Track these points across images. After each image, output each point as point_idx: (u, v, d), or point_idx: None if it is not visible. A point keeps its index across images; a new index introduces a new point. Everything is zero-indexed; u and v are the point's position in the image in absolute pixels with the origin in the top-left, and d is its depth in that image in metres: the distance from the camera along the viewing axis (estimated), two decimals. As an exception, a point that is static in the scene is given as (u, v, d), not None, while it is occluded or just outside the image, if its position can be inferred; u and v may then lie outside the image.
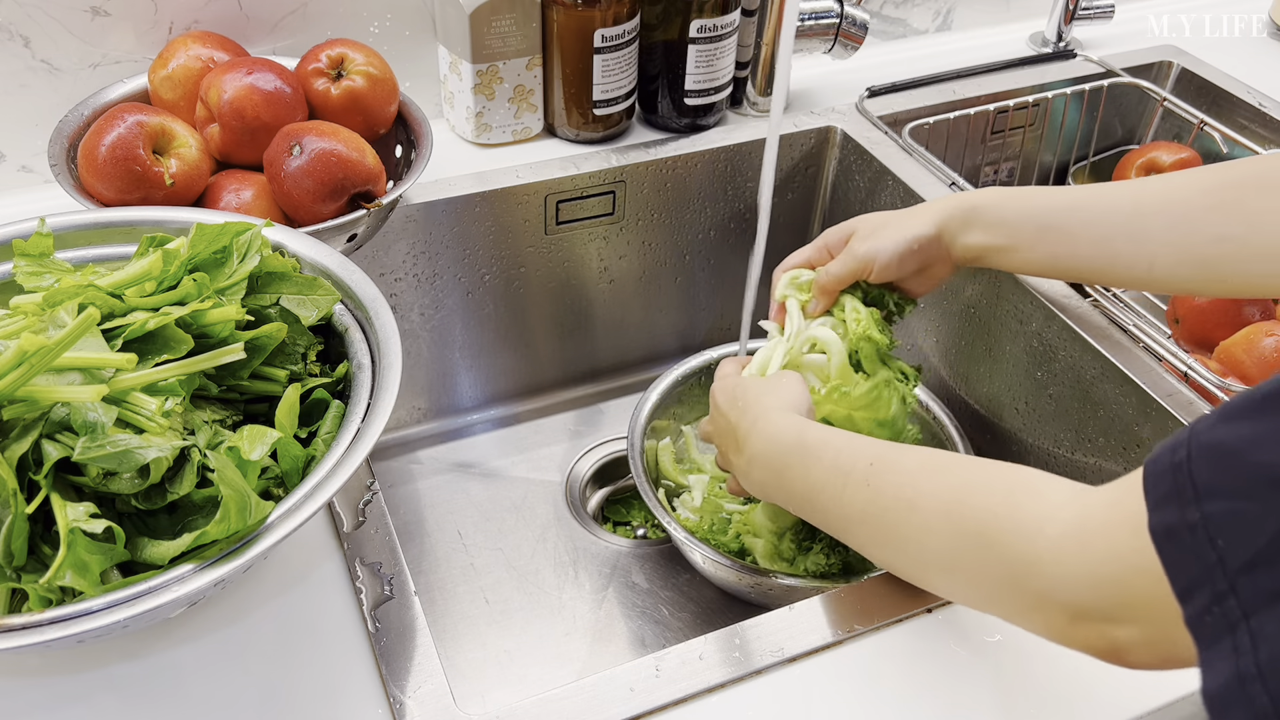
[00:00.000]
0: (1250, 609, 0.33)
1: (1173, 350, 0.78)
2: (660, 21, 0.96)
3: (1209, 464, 0.35)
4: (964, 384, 0.96)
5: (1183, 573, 0.35)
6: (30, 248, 0.62)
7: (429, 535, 0.95)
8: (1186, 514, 0.35)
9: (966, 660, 0.61)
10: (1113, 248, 0.68)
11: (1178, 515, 0.35)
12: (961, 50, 1.19)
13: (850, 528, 0.58)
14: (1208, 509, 0.35)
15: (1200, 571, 0.34)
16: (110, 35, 0.88)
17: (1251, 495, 0.33)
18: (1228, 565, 0.33)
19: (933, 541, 0.52)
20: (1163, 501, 0.36)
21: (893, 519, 0.54)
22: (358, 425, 0.59)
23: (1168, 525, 0.36)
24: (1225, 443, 0.35)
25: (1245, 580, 0.33)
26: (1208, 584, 0.34)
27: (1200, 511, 0.35)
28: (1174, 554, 0.36)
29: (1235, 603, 0.33)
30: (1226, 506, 0.34)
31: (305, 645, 0.61)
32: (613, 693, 0.58)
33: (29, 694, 0.58)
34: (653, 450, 0.92)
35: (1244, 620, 0.33)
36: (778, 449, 0.63)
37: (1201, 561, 0.34)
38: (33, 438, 0.52)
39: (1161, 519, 0.36)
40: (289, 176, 0.78)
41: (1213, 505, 0.34)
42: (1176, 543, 0.36)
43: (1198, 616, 0.34)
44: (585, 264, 1.03)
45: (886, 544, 0.56)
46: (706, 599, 0.89)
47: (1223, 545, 0.34)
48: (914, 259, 0.74)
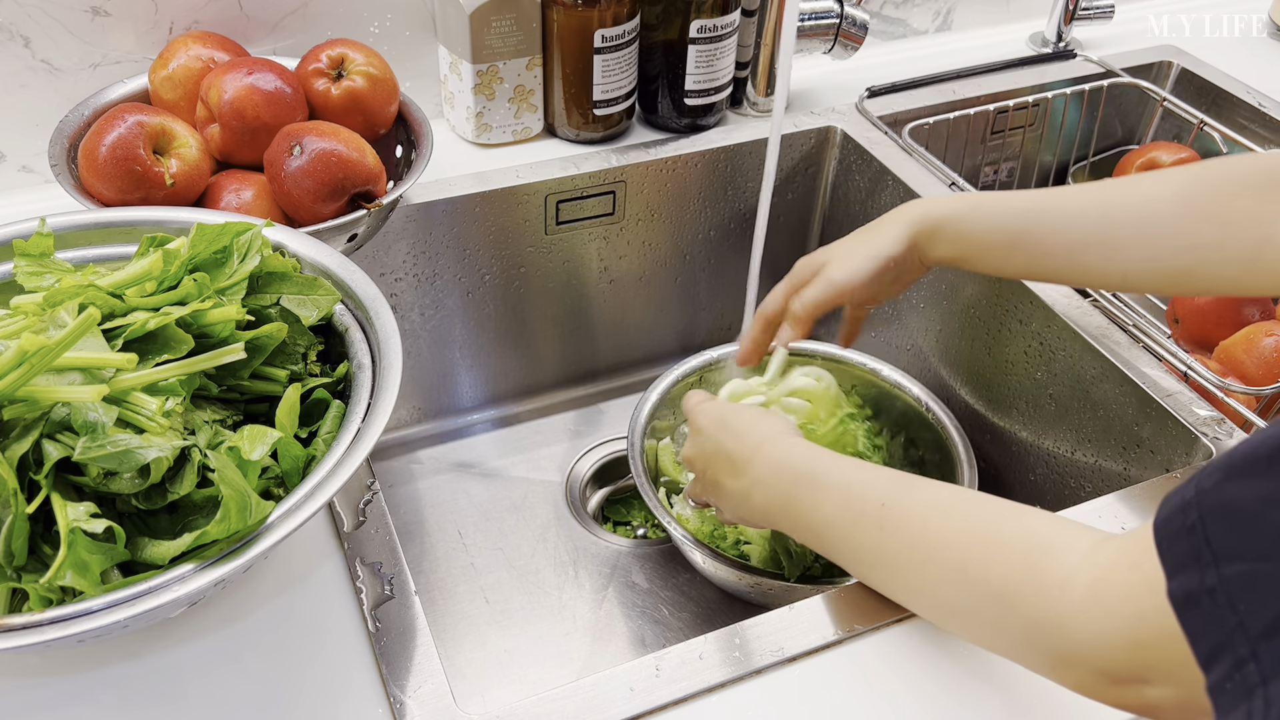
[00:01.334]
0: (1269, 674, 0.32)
1: (1173, 350, 0.78)
2: (660, 21, 0.96)
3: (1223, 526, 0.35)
4: (964, 384, 0.96)
5: (1204, 640, 0.35)
6: (31, 248, 0.62)
7: (429, 535, 0.95)
8: (1205, 579, 0.35)
9: (967, 660, 0.61)
10: (1084, 259, 0.68)
11: (1197, 581, 0.35)
12: (961, 50, 1.19)
13: (862, 570, 0.58)
14: (1225, 573, 0.34)
15: (1221, 636, 0.34)
16: (110, 35, 0.88)
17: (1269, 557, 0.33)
18: (1249, 630, 0.33)
19: (949, 594, 0.52)
20: (1180, 566, 0.36)
21: (906, 568, 0.54)
22: (358, 425, 0.59)
23: (1187, 591, 0.35)
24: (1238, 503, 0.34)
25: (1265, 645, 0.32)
26: (1229, 650, 0.34)
27: (1219, 575, 0.34)
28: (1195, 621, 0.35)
29: (1255, 668, 0.33)
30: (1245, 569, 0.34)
31: (305, 645, 0.61)
32: (613, 693, 0.58)
33: (29, 694, 0.58)
34: (653, 450, 0.92)
35: (1261, 685, 0.32)
36: (788, 474, 0.62)
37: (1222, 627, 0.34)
38: (33, 438, 0.52)
39: (1180, 585, 0.36)
40: (289, 176, 0.78)
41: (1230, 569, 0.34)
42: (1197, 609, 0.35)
43: (1219, 684, 0.34)
44: (585, 264, 1.03)
45: (900, 590, 0.56)
46: (706, 599, 0.89)
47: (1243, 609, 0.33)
48: (888, 276, 0.75)
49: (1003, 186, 1.18)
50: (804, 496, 0.60)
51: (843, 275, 0.75)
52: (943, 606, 0.53)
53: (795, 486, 0.61)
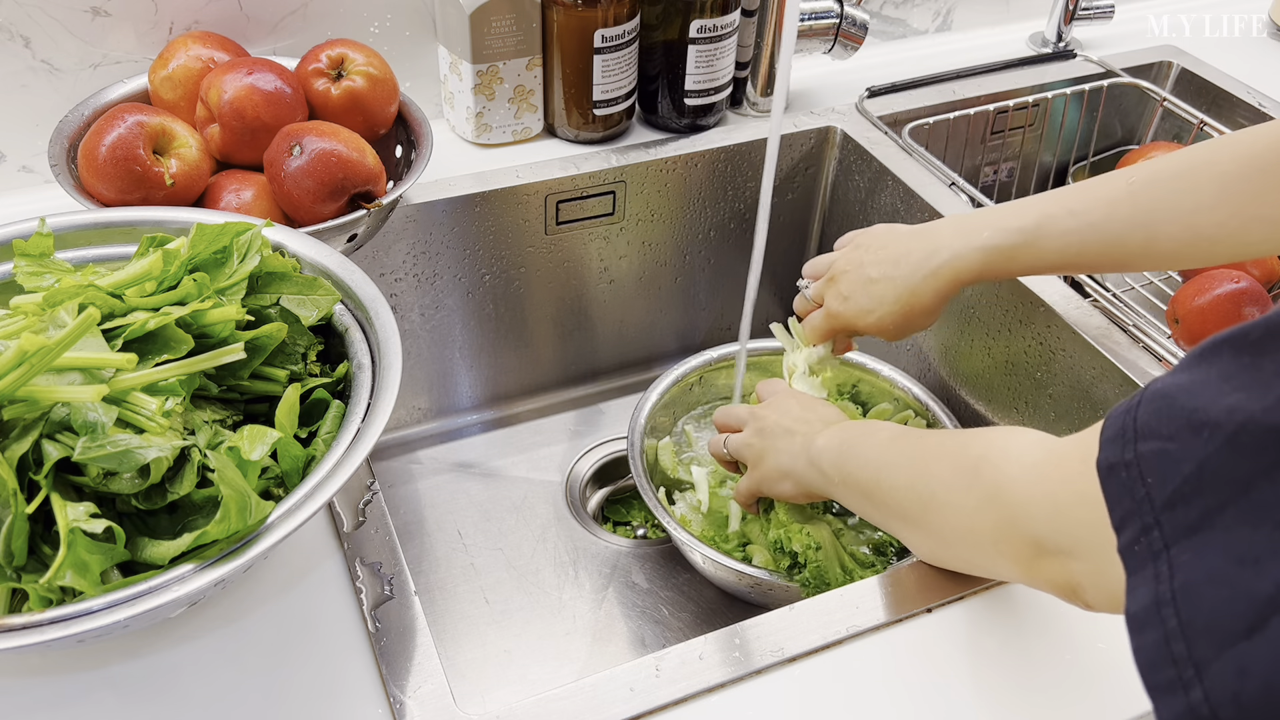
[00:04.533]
0: (1170, 540, 0.36)
1: (1173, 350, 0.78)
2: (660, 21, 0.96)
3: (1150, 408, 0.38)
4: (964, 384, 0.96)
5: (1119, 505, 0.38)
6: (30, 248, 0.62)
7: (429, 535, 0.95)
8: (1125, 452, 0.38)
9: (966, 660, 0.61)
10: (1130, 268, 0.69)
11: (1119, 453, 0.39)
12: (961, 50, 1.19)
13: (881, 476, 0.62)
14: (1141, 449, 0.38)
15: (1132, 505, 0.37)
16: (110, 35, 0.88)
17: (1174, 437, 0.36)
18: (1154, 500, 0.37)
19: (938, 473, 0.56)
20: (1110, 440, 0.40)
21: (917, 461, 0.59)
22: (358, 425, 0.59)
23: (1110, 462, 0.39)
24: (1166, 390, 0.38)
25: (1167, 515, 0.36)
26: (1137, 517, 0.37)
27: (1136, 451, 0.38)
28: (1113, 488, 0.39)
29: (1159, 534, 0.36)
30: (1156, 447, 0.37)
31: (305, 645, 0.61)
32: (613, 693, 0.58)
33: (29, 693, 0.58)
34: (653, 450, 0.92)
35: (1165, 550, 0.36)
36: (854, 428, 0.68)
37: (1133, 496, 0.37)
38: (33, 438, 0.52)
39: (1106, 456, 0.39)
40: (289, 176, 0.78)
41: (1146, 445, 0.38)
42: (1115, 478, 0.39)
43: (1128, 546, 0.37)
44: (585, 264, 1.03)
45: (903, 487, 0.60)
46: (706, 599, 0.89)
47: (1150, 482, 0.37)
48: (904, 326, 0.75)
49: (1003, 186, 1.18)
50: (860, 433, 0.66)
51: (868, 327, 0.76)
52: (928, 491, 0.57)
53: (854, 430, 0.67)
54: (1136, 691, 0.59)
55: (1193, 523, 0.35)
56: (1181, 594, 0.34)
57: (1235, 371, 0.35)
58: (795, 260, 1.14)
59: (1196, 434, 0.35)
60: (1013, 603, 0.64)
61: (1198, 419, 0.36)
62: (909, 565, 0.66)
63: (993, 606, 0.64)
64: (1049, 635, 0.62)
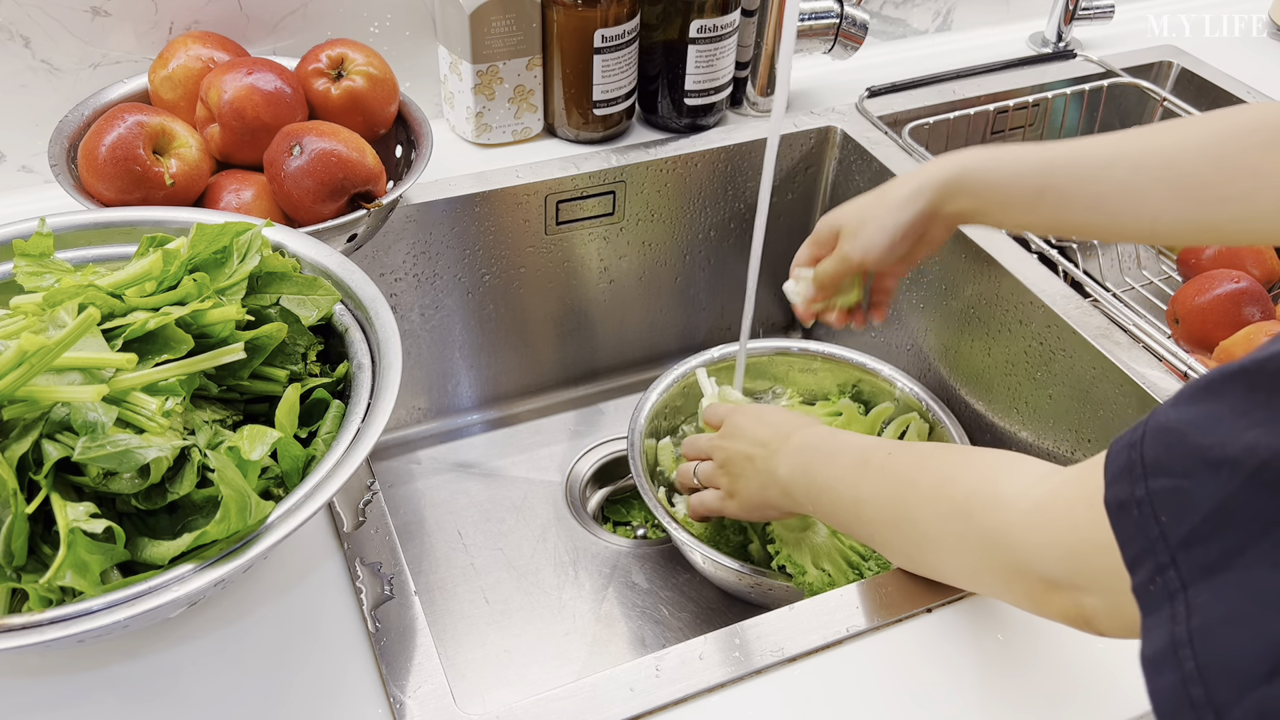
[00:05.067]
0: (1188, 580, 0.35)
1: (1173, 350, 0.78)
2: (660, 21, 0.96)
3: (1157, 443, 0.38)
4: (964, 384, 0.96)
5: (1131, 544, 0.38)
6: (30, 248, 0.62)
7: (429, 535, 0.95)
8: (1136, 489, 0.38)
9: (967, 660, 0.61)
10: (1113, 207, 0.66)
11: (1129, 490, 0.38)
12: (961, 50, 1.19)
13: (861, 511, 0.61)
14: (1153, 486, 0.37)
15: (1145, 543, 0.37)
16: (110, 35, 0.88)
17: (1189, 474, 0.36)
18: (1169, 539, 0.36)
19: (926, 514, 0.55)
20: (1117, 477, 0.39)
21: (897, 497, 0.58)
22: (358, 425, 0.59)
23: (1120, 499, 0.38)
24: (1173, 424, 0.37)
25: (1184, 554, 0.35)
26: (1151, 555, 0.36)
27: (1146, 488, 0.37)
28: (1124, 526, 0.38)
29: (1175, 574, 0.35)
30: (1169, 484, 0.36)
31: (305, 645, 0.61)
32: (613, 693, 0.58)
33: (29, 694, 0.58)
34: (652, 450, 0.92)
35: (1182, 590, 0.35)
36: (814, 446, 0.67)
37: (1146, 535, 0.37)
38: (33, 438, 0.52)
39: (1115, 494, 0.39)
40: (289, 176, 0.78)
41: (1157, 482, 0.37)
42: (1127, 516, 0.38)
43: (1143, 586, 0.37)
44: (585, 264, 1.03)
45: (888, 523, 0.59)
46: (706, 599, 0.89)
47: (1165, 520, 0.36)
48: (904, 243, 0.73)
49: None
50: (823, 458, 0.65)
51: (858, 250, 0.74)
52: (920, 529, 0.56)
53: (817, 454, 0.66)
54: (1136, 692, 0.59)
55: (1212, 563, 0.34)
56: (1199, 636, 0.34)
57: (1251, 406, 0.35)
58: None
59: (1215, 472, 0.35)
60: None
61: (1214, 456, 0.35)
62: (909, 565, 0.66)
63: (993, 607, 0.64)
64: (1049, 635, 0.62)
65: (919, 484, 0.56)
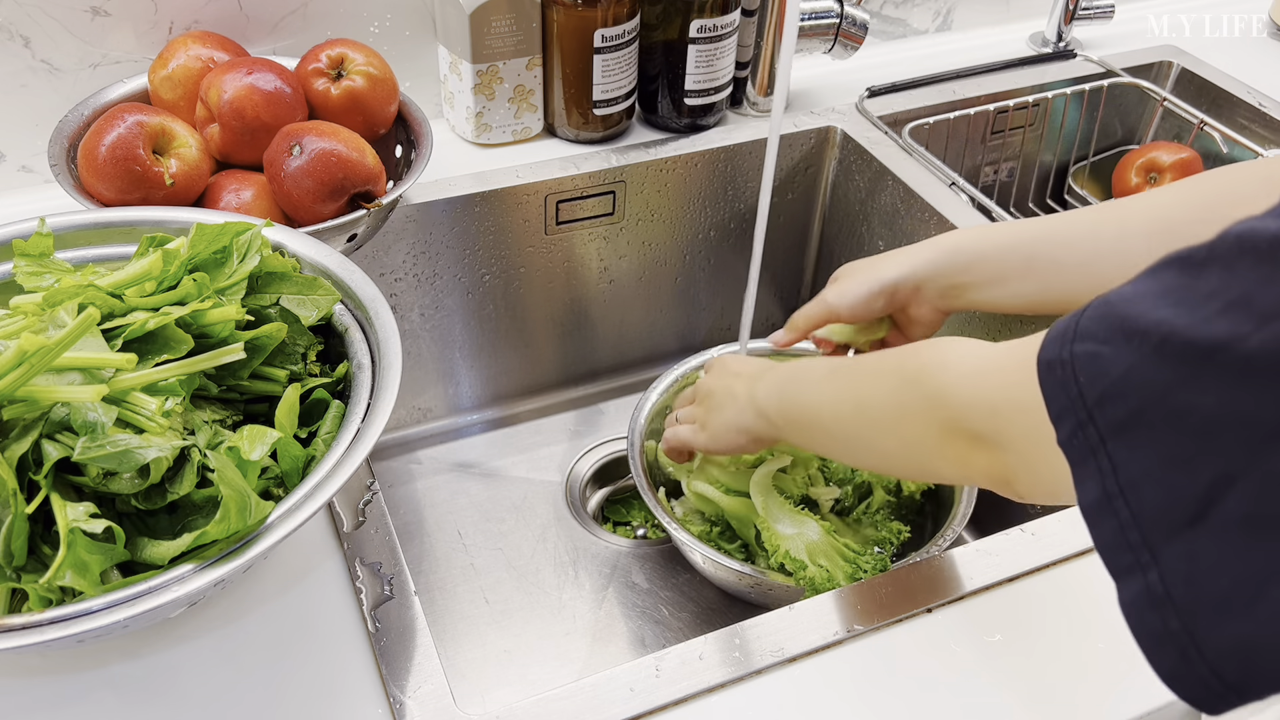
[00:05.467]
0: (1105, 436, 0.38)
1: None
2: (660, 21, 0.96)
3: (1094, 313, 0.41)
4: (964, 384, 0.96)
5: (1054, 401, 0.41)
6: (30, 248, 0.62)
7: (429, 535, 0.95)
8: (1063, 351, 0.41)
9: (966, 660, 0.61)
10: (1099, 271, 0.68)
11: (1057, 351, 0.41)
12: (961, 50, 1.19)
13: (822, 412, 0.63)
14: (1077, 349, 0.40)
15: (1066, 401, 0.40)
16: (110, 35, 0.88)
17: (1108, 341, 0.39)
18: (1086, 398, 0.39)
19: (880, 392, 0.58)
20: (1053, 340, 0.42)
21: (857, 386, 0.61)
22: (358, 425, 0.59)
23: (1048, 359, 0.41)
24: (1110, 298, 0.40)
25: (1099, 412, 0.38)
26: (1071, 413, 0.40)
27: (1072, 350, 0.40)
28: (1049, 384, 0.41)
29: (1094, 430, 0.39)
30: (1091, 348, 0.40)
31: (305, 645, 0.61)
32: (613, 693, 0.58)
33: (29, 694, 0.58)
34: (652, 450, 0.92)
35: (1101, 445, 0.38)
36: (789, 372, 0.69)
37: (1067, 393, 0.40)
38: (33, 438, 0.52)
39: (1045, 354, 0.42)
40: (289, 176, 0.78)
41: (1081, 346, 0.40)
42: (1052, 375, 0.41)
43: (1067, 440, 0.40)
44: (585, 264, 1.03)
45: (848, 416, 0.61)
46: (706, 599, 0.89)
47: (1082, 381, 0.39)
48: (879, 302, 0.76)
49: (1003, 187, 1.18)
50: (798, 379, 0.67)
51: (834, 296, 0.77)
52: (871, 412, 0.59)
53: (792, 376, 0.68)
54: (1137, 690, 0.59)
55: (1121, 421, 0.38)
56: (1128, 489, 0.37)
57: (1174, 288, 0.38)
58: (795, 260, 1.14)
59: (1129, 340, 0.38)
60: (1013, 603, 0.64)
61: (1130, 326, 0.38)
62: (909, 565, 0.66)
63: (993, 606, 0.64)
64: (1049, 635, 0.62)
65: (877, 371, 0.60)
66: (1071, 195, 1.17)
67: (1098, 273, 0.68)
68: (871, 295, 0.75)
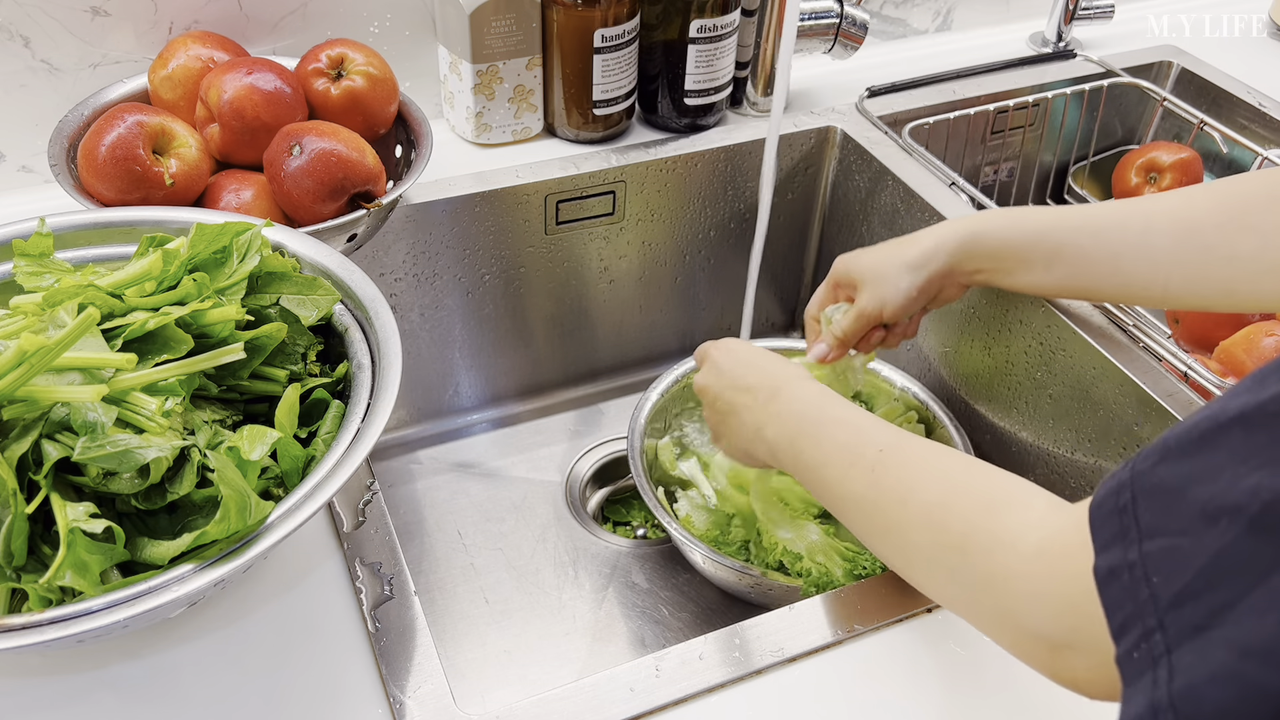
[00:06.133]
0: (1174, 643, 0.33)
1: (1173, 350, 0.78)
2: (660, 21, 0.96)
3: (1153, 504, 0.35)
4: (964, 384, 0.96)
5: (1119, 611, 0.36)
6: (30, 248, 0.62)
7: (429, 535, 0.95)
8: (1128, 554, 0.36)
9: (966, 660, 0.61)
10: (1124, 267, 0.67)
11: (1120, 556, 0.36)
12: (961, 50, 1.19)
13: (847, 509, 0.58)
14: (1146, 548, 0.35)
15: (1134, 608, 0.35)
16: (110, 35, 0.88)
17: (1186, 531, 0.33)
18: (1159, 600, 0.34)
19: (917, 539, 0.53)
20: (1108, 544, 0.37)
21: (885, 509, 0.55)
22: (358, 425, 0.59)
23: (1110, 566, 0.36)
24: (1167, 483, 0.35)
25: (1172, 615, 0.33)
26: (1139, 620, 0.34)
27: (1140, 551, 0.35)
28: (1112, 593, 0.36)
29: (1161, 638, 0.33)
30: (1164, 544, 0.34)
31: (305, 645, 0.61)
32: (613, 693, 0.58)
33: (29, 694, 0.58)
34: (652, 450, 0.92)
35: (1166, 655, 0.33)
36: (800, 412, 0.64)
37: (1135, 599, 0.35)
38: (33, 438, 0.52)
39: (1105, 561, 0.37)
40: (289, 176, 0.78)
41: (1151, 544, 0.35)
42: (1116, 582, 0.36)
43: (1127, 654, 0.35)
44: (585, 264, 1.03)
45: (876, 533, 0.56)
46: (706, 599, 0.89)
47: (1156, 582, 0.34)
48: (919, 302, 0.75)
49: (1003, 186, 1.18)
50: (810, 434, 0.62)
51: (874, 305, 0.76)
52: (909, 551, 0.54)
53: (804, 424, 0.63)
54: (1136, 691, 0.59)
55: (1200, 621, 0.32)
56: (1181, 698, 0.31)
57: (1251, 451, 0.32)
58: (795, 260, 1.14)
59: (1213, 523, 0.32)
60: (1013, 603, 0.64)
61: (1213, 507, 0.33)
62: (909, 565, 0.66)
63: (993, 606, 0.64)
64: (1049, 635, 0.62)
65: (908, 504, 0.53)
66: (1071, 195, 1.17)
67: (1122, 269, 0.67)
68: (914, 298, 0.75)
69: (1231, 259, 0.63)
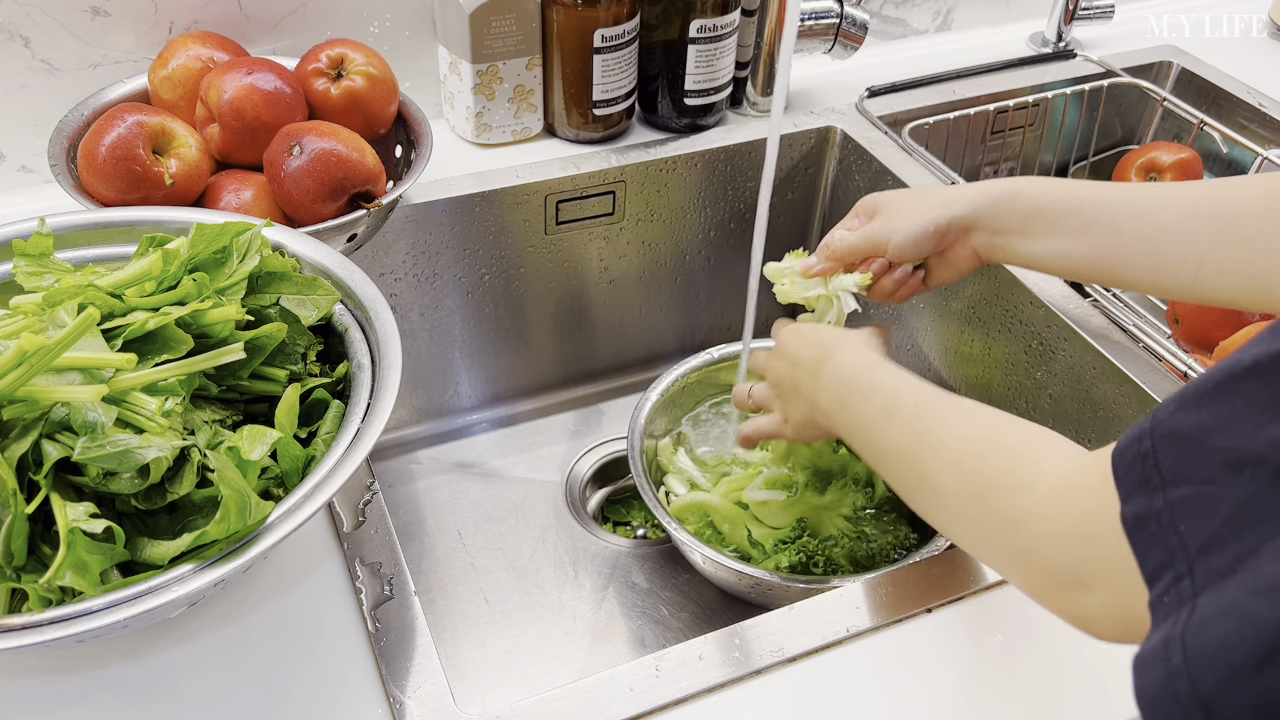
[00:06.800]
0: (1200, 587, 0.34)
1: (1173, 350, 0.78)
2: (660, 21, 0.96)
3: (1174, 452, 0.37)
4: (964, 384, 0.96)
5: (1150, 557, 0.37)
6: (30, 248, 0.62)
7: (429, 535, 0.95)
8: (1154, 502, 0.37)
9: (966, 660, 0.61)
10: (1159, 249, 0.65)
11: (1146, 504, 0.37)
12: (961, 50, 1.19)
13: (888, 463, 0.60)
14: (1171, 496, 0.36)
15: (1165, 555, 0.36)
16: (110, 35, 0.88)
17: (1211, 479, 0.35)
18: (1188, 548, 0.35)
19: (947, 484, 0.54)
20: (1133, 491, 0.38)
21: (920, 458, 0.57)
22: (358, 425, 0.59)
23: (1138, 514, 0.38)
24: (1186, 430, 0.36)
25: (1201, 561, 0.34)
26: (1170, 567, 0.36)
27: (1165, 498, 0.36)
28: (1143, 541, 0.37)
29: (1189, 583, 0.34)
30: (1189, 492, 0.36)
31: (305, 645, 0.61)
32: (613, 693, 0.58)
33: (29, 694, 0.58)
34: (652, 450, 0.92)
35: (1193, 598, 0.34)
36: (849, 377, 0.66)
37: (1165, 545, 0.36)
38: (33, 438, 0.52)
39: (1132, 509, 0.38)
40: (289, 176, 0.78)
41: (1176, 492, 0.36)
42: (1145, 530, 0.37)
43: (1158, 599, 0.36)
44: (585, 264, 1.03)
45: (911, 482, 0.58)
46: (706, 599, 0.89)
47: (1184, 529, 0.35)
48: (930, 243, 0.72)
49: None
50: (858, 397, 0.64)
51: (885, 232, 0.73)
52: (942, 498, 0.55)
53: (853, 388, 0.65)
54: (1137, 691, 0.59)
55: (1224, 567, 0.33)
56: (1190, 631, 0.33)
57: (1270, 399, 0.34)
58: (795, 260, 1.14)
59: (1236, 473, 0.34)
60: (1012, 603, 0.64)
61: (1235, 456, 0.34)
62: (909, 565, 0.66)
63: (992, 607, 0.64)
64: (1049, 635, 0.62)
65: (942, 450, 0.55)
66: (1071, 195, 1.17)
67: (1157, 251, 0.65)
68: (926, 235, 0.71)
69: (1270, 250, 0.61)
